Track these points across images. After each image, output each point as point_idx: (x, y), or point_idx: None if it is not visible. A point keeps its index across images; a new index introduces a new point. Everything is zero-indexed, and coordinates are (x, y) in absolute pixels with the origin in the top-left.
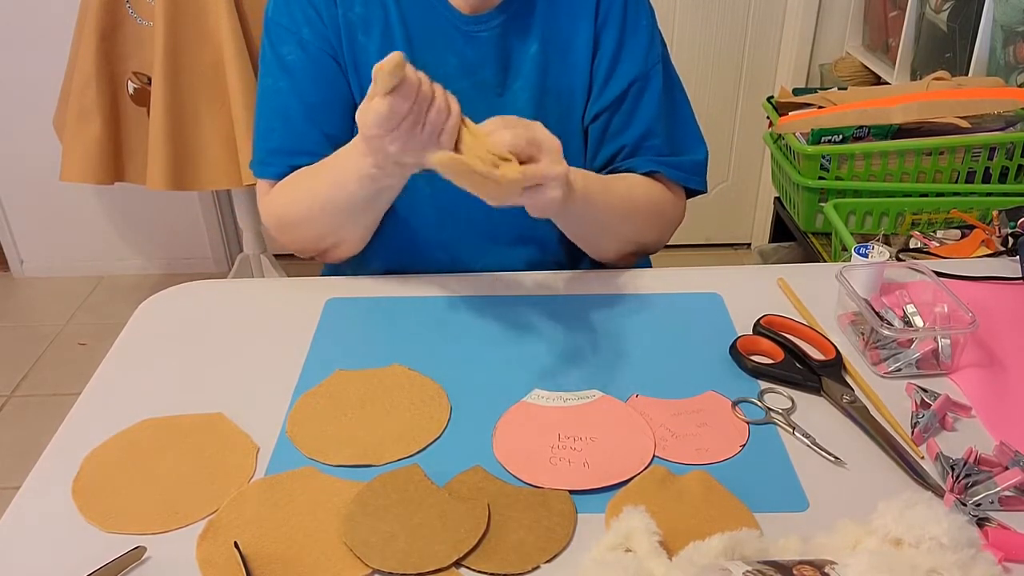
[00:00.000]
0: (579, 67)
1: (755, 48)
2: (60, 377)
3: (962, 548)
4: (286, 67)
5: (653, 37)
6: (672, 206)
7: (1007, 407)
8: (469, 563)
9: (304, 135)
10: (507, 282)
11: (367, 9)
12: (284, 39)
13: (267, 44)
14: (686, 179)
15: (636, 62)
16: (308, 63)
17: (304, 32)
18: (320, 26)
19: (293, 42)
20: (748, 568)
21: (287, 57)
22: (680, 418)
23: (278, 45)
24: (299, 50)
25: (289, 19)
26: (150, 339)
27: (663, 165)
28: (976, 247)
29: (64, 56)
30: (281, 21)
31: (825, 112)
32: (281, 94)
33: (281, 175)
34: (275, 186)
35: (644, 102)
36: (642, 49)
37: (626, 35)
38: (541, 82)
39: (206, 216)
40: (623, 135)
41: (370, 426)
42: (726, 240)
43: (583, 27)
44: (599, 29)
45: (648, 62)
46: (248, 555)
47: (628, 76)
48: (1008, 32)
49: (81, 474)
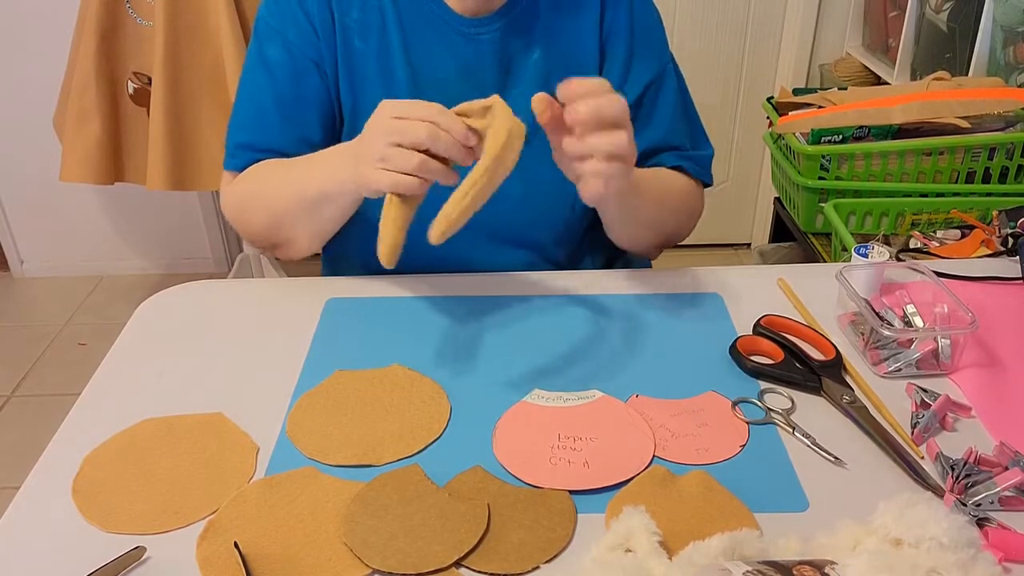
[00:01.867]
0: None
1: (755, 48)
2: (60, 377)
3: (962, 548)
4: (267, 64)
5: (663, 39)
6: (697, 198)
7: (1007, 407)
8: (469, 563)
9: (275, 131)
10: (507, 282)
11: (364, 14)
12: (270, 37)
13: (255, 41)
14: (703, 174)
15: (650, 65)
16: (289, 63)
17: (290, 34)
18: (309, 31)
19: (278, 42)
20: (748, 568)
21: (269, 55)
22: (680, 418)
23: (264, 43)
24: (282, 50)
25: (278, 20)
26: (150, 339)
27: (685, 159)
28: (976, 247)
29: (64, 56)
30: (270, 21)
31: (825, 112)
32: (258, 90)
33: (245, 168)
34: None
35: (661, 102)
36: (655, 51)
37: (636, 41)
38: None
39: (206, 216)
40: (644, 137)
41: (370, 426)
42: (726, 240)
43: (587, 38)
44: (605, 39)
45: (661, 63)
46: (248, 555)
47: (643, 80)
48: (1008, 32)
49: (81, 474)
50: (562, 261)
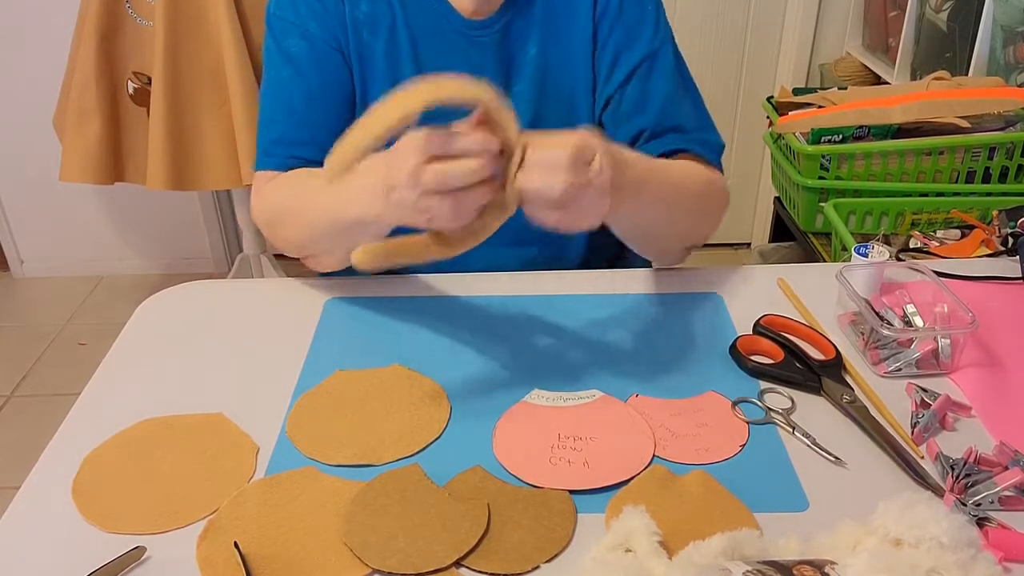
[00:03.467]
0: (579, 66)
1: (755, 48)
2: (60, 377)
3: (962, 548)
4: (290, 57)
5: (659, 21)
6: (717, 186)
7: (1007, 407)
8: (469, 563)
9: (307, 124)
10: (507, 282)
11: (373, 7)
12: (288, 32)
13: (270, 39)
14: (715, 158)
15: (642, 44)
16: (312, 54)
17: (310, 25)
18: (327, 20)
19: (297, 35)
20: (748, 568)
21: (291, 49)
22: (680, 418)
23: (281, 39)
24: (304, 42)
25: (294, 13)
26: (150, 339)
27: (692, 142)
28: (976, 247)
29: (64, 56)
30: (285, 16)
31: (825, 112)
32: (284, 84)
33: (282, 166)
34: (272, 179)
35: (655, 79)
36: (647, 32)
37: (628, 21)
38: (540, 85)
39: (206, 216)
40: (640, 116)
41: (370, 426)
42: (726, 240)
43: (580, 25)
44: (597, 21)
45: (655, 43)
46: (248, 555)
47: (634, 58)
48: (1008, 32)
49: (81, 474)
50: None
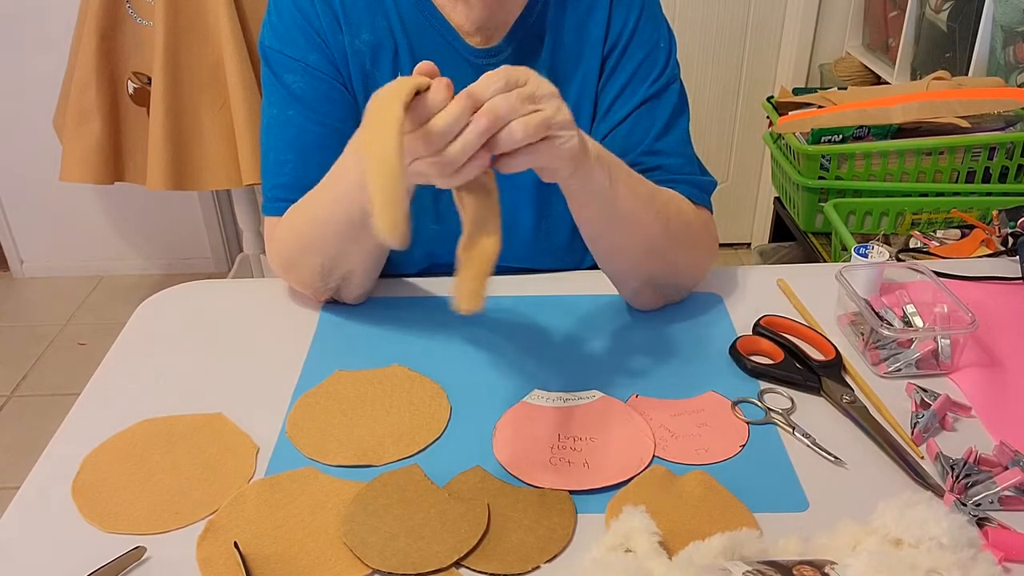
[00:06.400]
0: (584, 97)
1: (755, 48)
2: (60, 377)
3: (962, 548)
4: (295, 95)
5: (668, 61)
6: (703, 226)
7: (1007, 407)
8: (469, 563)
9: (319, 165)
10: (507, 282)
11: (375, 35)
12: (288, 67)
13: (268, 73)
14: (703, 198)
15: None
16: (317, 89)
17: (310, 59)
18: (327, 52)
19: (298, 70)
20: (748, 568)
21: (293, 85)
22: (680, 418)
23: (281, 74)
24: (306, 77)
25: (292, 47)
26: (150, 339)
27: (682, 183)
28: (976, 247)
29: (64, 56)
30: (283, 49)
31: (825, 112)
32: (291, 123)
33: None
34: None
35: (657, 118)
36: (653, 73)
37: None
38: None
39: (206, 216)
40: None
41: (370, 426)
42: (726, 240)
43: (588, 57)
44: (606, 56)
45: (658, 85)
46: (248, 555)
47: (635, 100)
48: (1008, 32)
49: (81, 474)
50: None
